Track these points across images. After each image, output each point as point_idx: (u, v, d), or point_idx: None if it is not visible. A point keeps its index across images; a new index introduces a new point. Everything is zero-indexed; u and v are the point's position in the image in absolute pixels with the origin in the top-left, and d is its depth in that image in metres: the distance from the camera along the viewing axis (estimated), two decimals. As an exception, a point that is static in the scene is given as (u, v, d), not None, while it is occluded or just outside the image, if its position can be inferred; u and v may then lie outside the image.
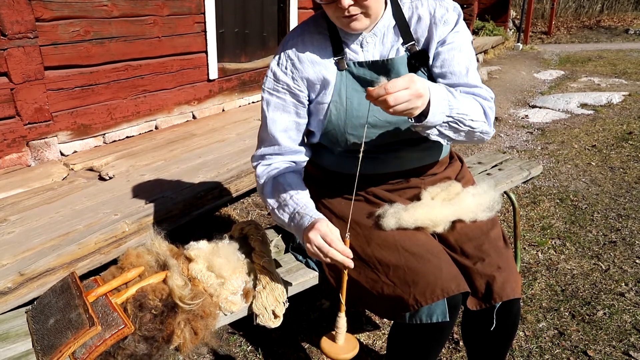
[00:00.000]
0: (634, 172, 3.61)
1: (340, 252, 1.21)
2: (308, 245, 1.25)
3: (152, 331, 1.15)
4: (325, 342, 1.33)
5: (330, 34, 1.38)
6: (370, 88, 1.04)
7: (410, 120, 1.15)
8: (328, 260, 1.23)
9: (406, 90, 1.03)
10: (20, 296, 1.77)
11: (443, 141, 1.26)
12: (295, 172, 1.46)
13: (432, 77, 1.38)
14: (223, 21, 3.97)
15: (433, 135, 1.21)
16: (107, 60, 3.14)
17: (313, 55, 1.38)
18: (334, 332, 1.32)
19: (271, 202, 1.42)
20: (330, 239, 1.21)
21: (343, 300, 1.29)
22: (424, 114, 1.11)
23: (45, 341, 1.14)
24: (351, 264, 1.22)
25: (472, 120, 1.23)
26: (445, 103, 1.16)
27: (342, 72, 1.37)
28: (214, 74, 3.95)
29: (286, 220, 1.38)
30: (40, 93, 2.77)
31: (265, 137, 1.47)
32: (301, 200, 1.37)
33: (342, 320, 1.30)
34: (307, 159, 1.52)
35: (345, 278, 1.27)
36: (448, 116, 1.17)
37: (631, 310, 2.12)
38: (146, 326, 1.15)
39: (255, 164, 1.51)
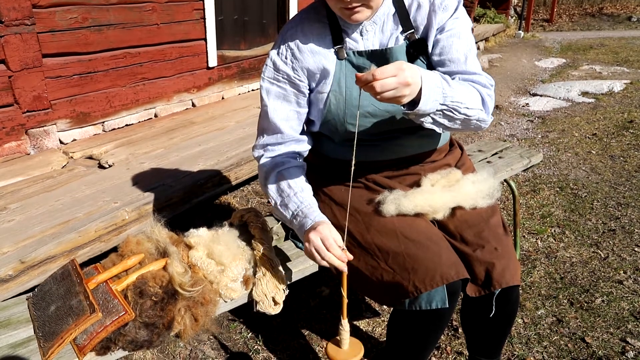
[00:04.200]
0: (634, 160, 3.61)
1: (338, 257, 1.23)
2: (306, 244, 1.27)
3: (153, 318, 1.16)
4: (330, 347, 1.35)
5: (330, 22, 1.37)
6: (358, 73, 1.05)
7: (402, 107, 1.14)
8: (324, 263, 1.25)
9: (394, 77, 1.02)
10: (21, 283, 1.77)
11: (438, 129, 1.24)
12: (298, 168, 1.44)
13: (431, 66, 1.37)
14: (222, 8, 3.93)
15: (427, 123, 1.20)
16: (105, 47, 3.12)
17: (313, 45, 1.37)
18: (338, 338, 1.34)
19: (274, 196, 1.42)
20: (329, 243, 1.23)
21: (345, 307, 1.31)
22: (416, 101, 1.10)
23: (46, 328, 1.15)
24: (345, 269, 1.25)
25: (468, 108, 1.21)
26: (439, 91, 1.14)
27: (341, 61, 1.36)
28: (213, 61, 3.93)
29: (288, 217, 1.38)
30: (39, 81, 2.76)
31: (266, 126, 1.45)
32: (305, 199, 1.37)
33: (345, 326, 1.32)
34: (309, 147, 1.51)
35: (346, 285, 1.29)
36: (442, 104, 1.16)
37: (629, 298, 2.13)
38: (147, 313, 1.15)
39: (257, 154, 1.49)
